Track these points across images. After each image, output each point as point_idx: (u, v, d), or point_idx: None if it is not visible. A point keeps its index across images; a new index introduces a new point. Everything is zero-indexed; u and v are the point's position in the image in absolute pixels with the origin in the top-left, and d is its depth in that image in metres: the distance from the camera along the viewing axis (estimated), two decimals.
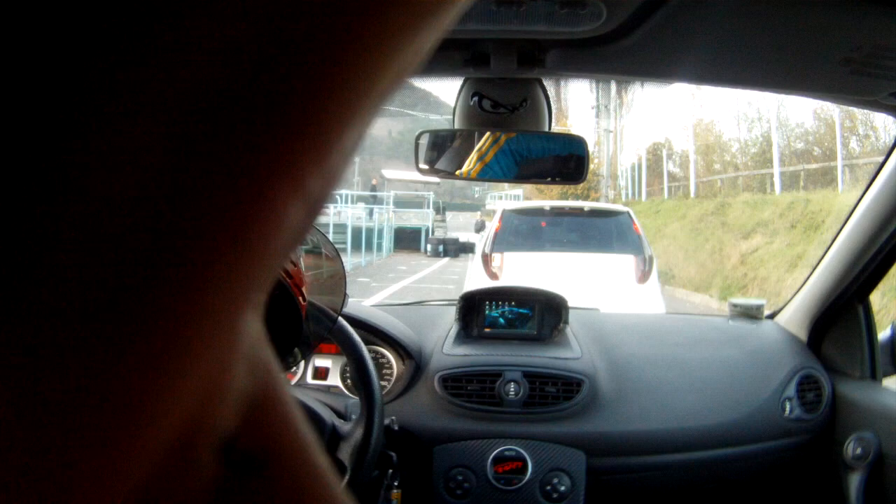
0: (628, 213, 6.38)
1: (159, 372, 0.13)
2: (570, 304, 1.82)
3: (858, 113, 11.64)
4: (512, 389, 1.58)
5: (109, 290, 0.12)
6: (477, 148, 1.26)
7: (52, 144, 0.11)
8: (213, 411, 0.15)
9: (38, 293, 0.11)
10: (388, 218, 21.98)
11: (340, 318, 1.31)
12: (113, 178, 0.11)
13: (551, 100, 1.26)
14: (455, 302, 1.85)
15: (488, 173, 1.28)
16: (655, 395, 1.64)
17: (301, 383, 1.64)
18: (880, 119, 11.27)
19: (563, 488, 1.50)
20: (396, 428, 1.42)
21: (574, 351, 1.69)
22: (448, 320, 1.82)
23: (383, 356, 1.65)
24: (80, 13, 0.11)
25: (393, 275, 14.45)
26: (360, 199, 23.44)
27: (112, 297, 0.12)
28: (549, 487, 1.50)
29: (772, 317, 1.95)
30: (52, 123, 0.11)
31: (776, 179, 13.64)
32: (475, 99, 1.22)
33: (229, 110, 0.12)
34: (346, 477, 1.17)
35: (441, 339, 1.73)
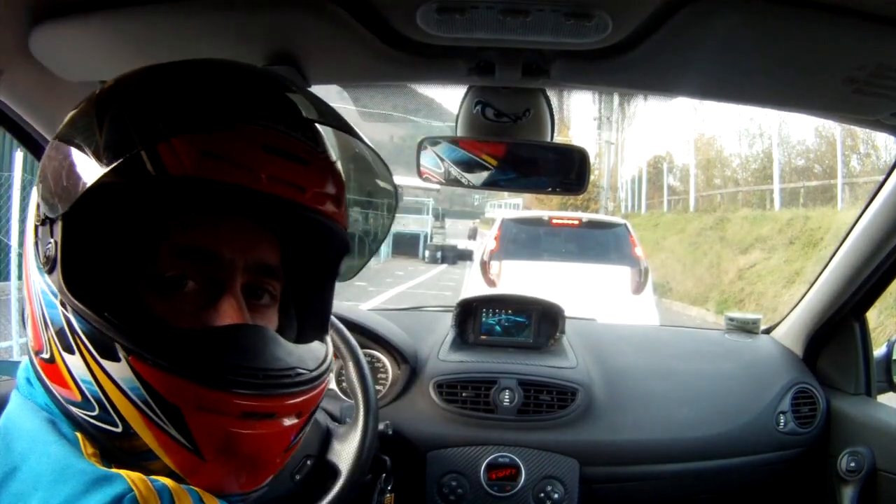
0: (625, 225, 6.44)
1: None
2: (566, 313, 1.82)
3: (860, 132, 11.69)
4: (507, 397, 1.58)
5: None
6: (478, 156, 1.26)
7: None
8: None
9: None
10: None
11: (337, 321, 1.32)
12: None
13: (554, 110, 1.27)
14: (452, 308, 1.85)
15: (489, 182, 1.28)
16: (650, 405, 1.64)
17: None
18: (882, 138, 11.31)
19: (556, 496, 1.50)
20: (390, 433, 1.41)
21: (570, 360, 1.69)
22: (445, 326, 1.82)
23: (379, 360, 1.65)
24: None
25: (390, 280, 14.43)
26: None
27: None
28: (542, 495, 1.50)
29: (768, 331, 1.95)
30: None
31: (776, 195, 13.67)
32: (478, 107, 1.22)
33: None
34: (340, 480, 1.17)
35: (437, 345, 1.73)
